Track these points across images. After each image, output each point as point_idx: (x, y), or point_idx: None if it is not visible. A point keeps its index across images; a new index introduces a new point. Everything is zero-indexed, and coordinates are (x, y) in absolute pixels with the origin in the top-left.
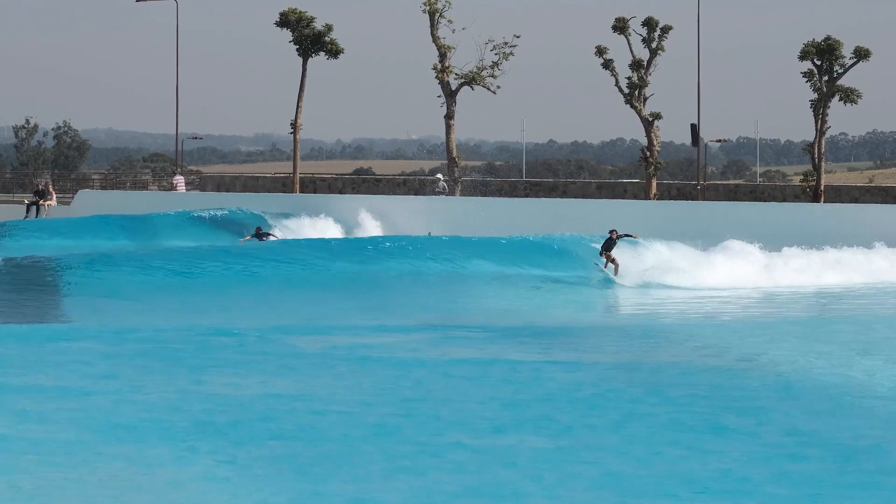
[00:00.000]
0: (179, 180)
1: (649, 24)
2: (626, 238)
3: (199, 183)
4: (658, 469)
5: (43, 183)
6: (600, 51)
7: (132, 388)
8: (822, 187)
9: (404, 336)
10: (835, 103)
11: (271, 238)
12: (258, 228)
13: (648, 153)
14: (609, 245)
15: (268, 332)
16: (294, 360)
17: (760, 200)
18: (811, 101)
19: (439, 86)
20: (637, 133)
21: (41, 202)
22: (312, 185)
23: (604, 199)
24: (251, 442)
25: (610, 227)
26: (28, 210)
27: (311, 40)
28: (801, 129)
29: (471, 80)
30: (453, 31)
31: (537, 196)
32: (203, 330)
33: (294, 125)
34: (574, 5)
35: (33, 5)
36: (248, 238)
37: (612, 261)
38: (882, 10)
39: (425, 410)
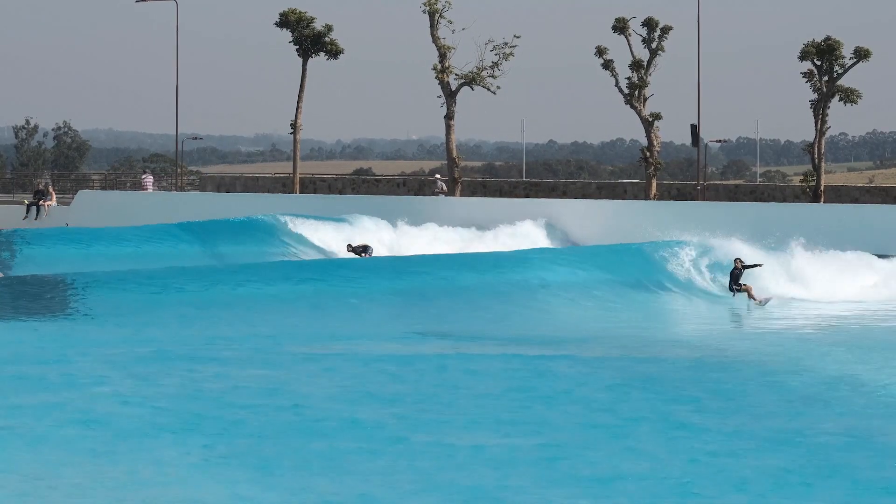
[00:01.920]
0: (148, 180)
1: (649, 24)
2: (751, 268)
3: (200, 183)
4: None
5: (43, 183)
6: (600, 51)
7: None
8: (823, 188)
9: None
10: (835, 103)
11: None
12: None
13: (648, 153)
14: (736, 277)
15: (308, 341)
16: (305, 365)
17: (760, 201)
18: (811, 101)
19: (439, 86)
20: (637, 133)
21: (41, 202)
22: (312, 185)
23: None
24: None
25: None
26: (28, 210)
27: (311, 41)
28: (801, 129)
29: (471, 80)
30: (453, 31)
31: (537, 197)
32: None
33: (294, 125)
34: (574, 5)
35: (33, 5)
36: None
37: (744, 288)
38: (882, 10)
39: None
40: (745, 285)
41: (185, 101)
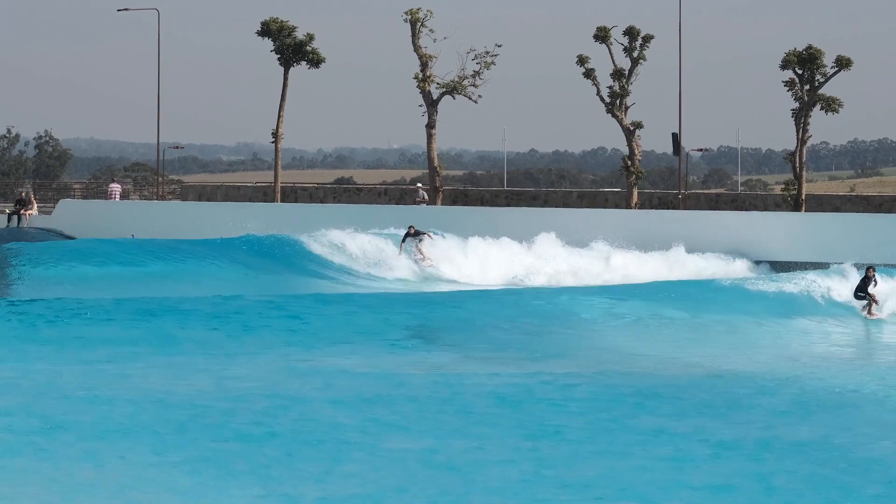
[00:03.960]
0: (115, 188)
1: (631, 33)
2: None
3: (181, 192)
4: None
5: (24, 192)
6: (582, 60)
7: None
8: (804, 196)
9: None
10: (816, 112)
11: (427, 238)
12: (411, 227)
13: (630, 162)
14: (865, 285)
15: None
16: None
17: (742, 209)
18: (792, 110)
19: (421, 95)
20: (618, 142)
21: (22, 211)
22: (294, 194)
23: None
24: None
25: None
26: (9, 219)
27: (293, 49)
28: (783, 138)
29: (452, 89)
30: (435, 40)
31: (518, 206)
32: None
33: (276, 134)
34: (555, 14)
35: (14, 14)
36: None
37: (873, 298)
38: (863, 19)
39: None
40: (872, 295)
41: (166, 110)
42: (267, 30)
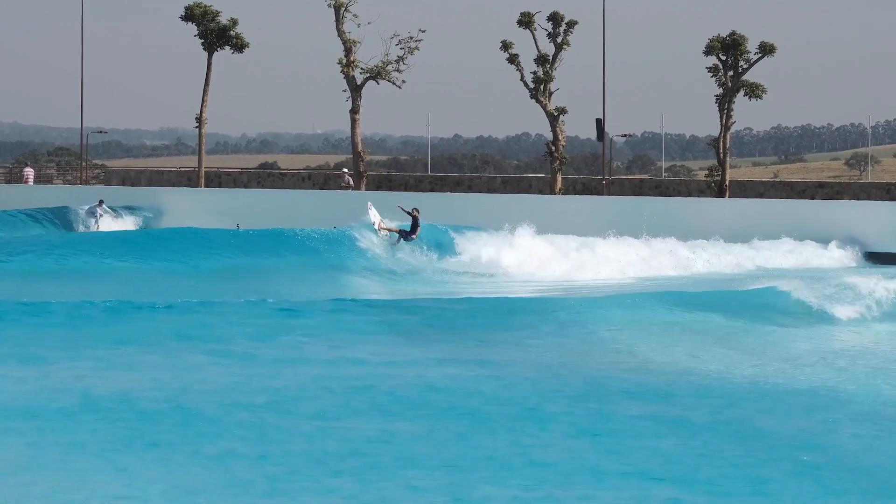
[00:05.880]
0: (29, 173)
1: (554, 18)
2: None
3: (105, 177)
4: None
5: None
6: (506, 45)
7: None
8: (727, 182)
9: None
10: (739, 98)
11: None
12: (415, 210)
13: (553, 148)
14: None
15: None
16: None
17: (665, 195)
18: (716, 96)
19: (345, 80)
20: (542, 128)
21: None
22: (218, 179)
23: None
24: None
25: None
26: None
27: (217, 34)
28: (706, 124)
29: (376, 74)
30: (359, 25)
31: (442, 191)
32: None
33: (199, 119)
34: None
35: None
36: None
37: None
38: (787, 6)
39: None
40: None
41: (90, 95)
42: (191, 14)
